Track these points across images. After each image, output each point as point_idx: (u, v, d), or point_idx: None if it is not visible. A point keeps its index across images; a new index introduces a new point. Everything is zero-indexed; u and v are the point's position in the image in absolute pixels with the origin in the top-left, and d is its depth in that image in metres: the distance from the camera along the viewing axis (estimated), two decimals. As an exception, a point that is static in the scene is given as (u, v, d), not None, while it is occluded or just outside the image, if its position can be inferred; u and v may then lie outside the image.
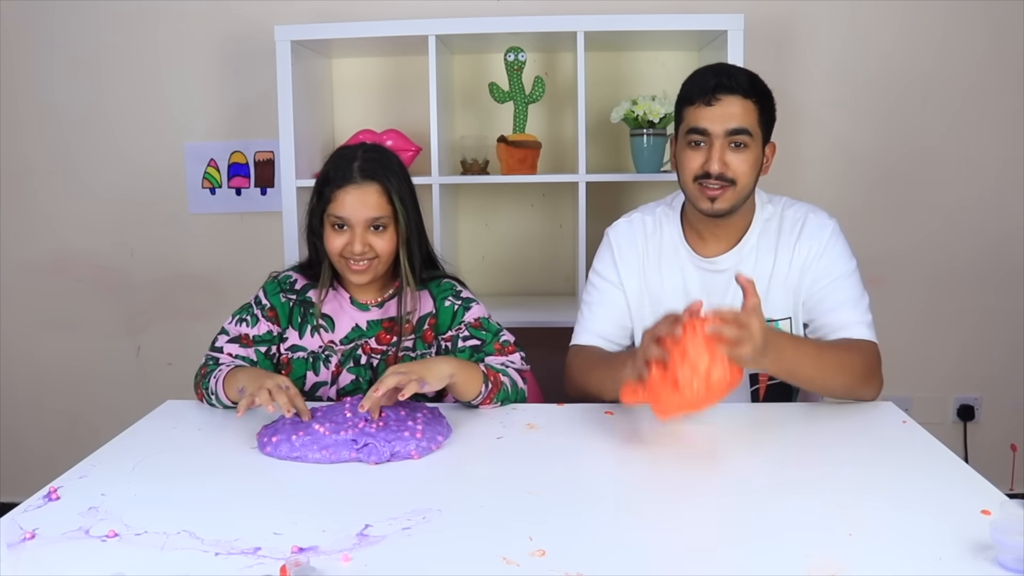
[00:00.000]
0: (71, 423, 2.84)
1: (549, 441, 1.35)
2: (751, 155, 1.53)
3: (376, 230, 1.54)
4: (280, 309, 1.63)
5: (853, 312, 1.56)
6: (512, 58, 2.37)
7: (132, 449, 1.32)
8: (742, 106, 1.51)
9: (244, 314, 1.63)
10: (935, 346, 2.70)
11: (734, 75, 1.53)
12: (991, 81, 2.58)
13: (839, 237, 1.61)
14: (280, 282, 1.66)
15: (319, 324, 1.62)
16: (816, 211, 1.63)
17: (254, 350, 1.61)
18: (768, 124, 1.56)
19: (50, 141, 2.73)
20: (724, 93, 1.50)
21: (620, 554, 0.96)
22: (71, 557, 0.98)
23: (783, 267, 1.60)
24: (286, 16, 2.58)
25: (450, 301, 1.63)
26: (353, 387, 1.61)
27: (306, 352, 1.62)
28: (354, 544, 0.99)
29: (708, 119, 1.51)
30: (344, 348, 1.62)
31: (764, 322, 1.27)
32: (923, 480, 1.16)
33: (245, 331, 1.61)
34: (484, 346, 1.59)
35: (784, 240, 1.61)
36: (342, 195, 1.53)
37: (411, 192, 1.59)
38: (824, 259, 1.58)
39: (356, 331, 1.62)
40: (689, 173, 1.54)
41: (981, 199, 2.64)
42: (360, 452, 1.26)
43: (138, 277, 2.78)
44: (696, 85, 1.54)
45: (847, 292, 1.57)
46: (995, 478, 1.19)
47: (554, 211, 2.69)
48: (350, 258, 1.54)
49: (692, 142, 1.53)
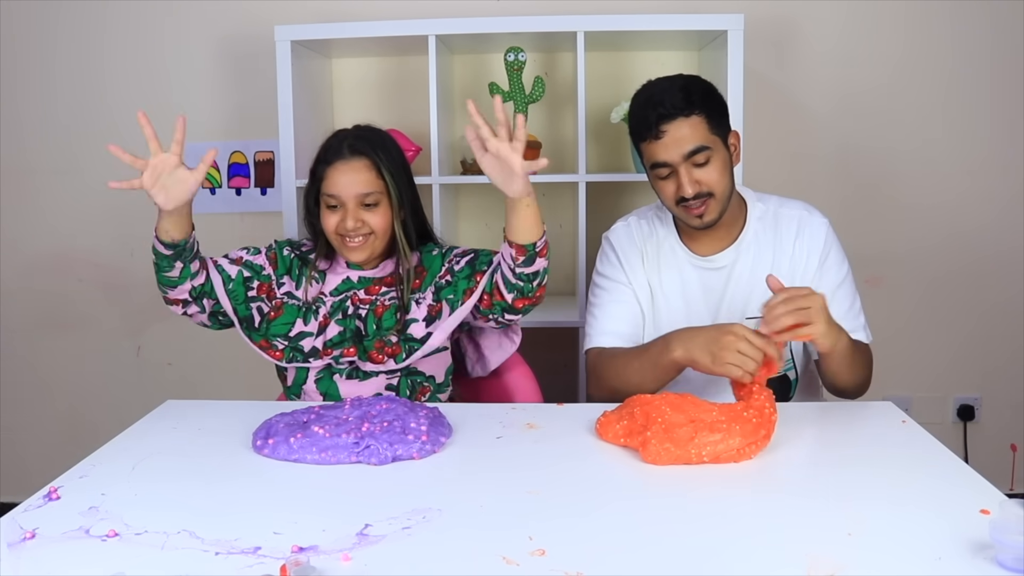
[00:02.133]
0: (71, 423, 2.84)
1: (549, 441, 1.35)
2: (717, 162, 1.54)
3: (368, 207, 1.57)
4: (280, 260, 1.67)
5: (852, 319, 1.60)
6: (512, 58, 2.37)
7: (132, 449, 1.32)
8: (689, 125, 1.51)
9: (249, 246, 1.68)
10: (935, 346, 2.70)
11: (668, 100, 1.51)
12: (991, 80, 2.58)
13: (834, 238, 1.65)
14: (290, 241, 1.73)
15: (312, 276, 1.65)
16: (810, 209, 1.67)
17: (238, 269, 1.63)
18: (721, 124, 1.56)
19: (51, 141, 2.73)
20: (666, 122, 1.51)
21: (620, 554, 0.96)
22: (71, 557, 0.98)
23: (783, 263, 1.62)
24: (286, 16, 2.58)
25: (436, 251, 1.68)
26: (339, 339, 1.61)
27: (299, 301, 1.64)
28: (354, 544, 0.99)
29: (663, 151, 1.53)
30: (333, 299, 1.63)
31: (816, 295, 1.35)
32: (923, 480, 1.16)
33: (241, 254, 1.66)
34: (479, 254, 1.63)
35: (783, 237, 1.63)
36: (332, 172, 1.58)
37: (404, 167, 1.64)
38: (826, 266, 1.62)
39: (346, 283, 1.65)
40: (668, 200, 1.58)
41: (981, 199, 2.64)
42: (361, 455, 1.25)
43: (138, 277, 2.78)
44: (638, 121, 1.55)
45: (845, 300, 1.62)
46: (995, 478, 1.19)
47: (554, 211, 2.69)
48: (345, 235, 1.57)
49: (659, 175, 1.56)
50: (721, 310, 1.64)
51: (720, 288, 1.64)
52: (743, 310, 1.63)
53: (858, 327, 1.60)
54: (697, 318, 1.64)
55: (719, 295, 1.64)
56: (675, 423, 1.24)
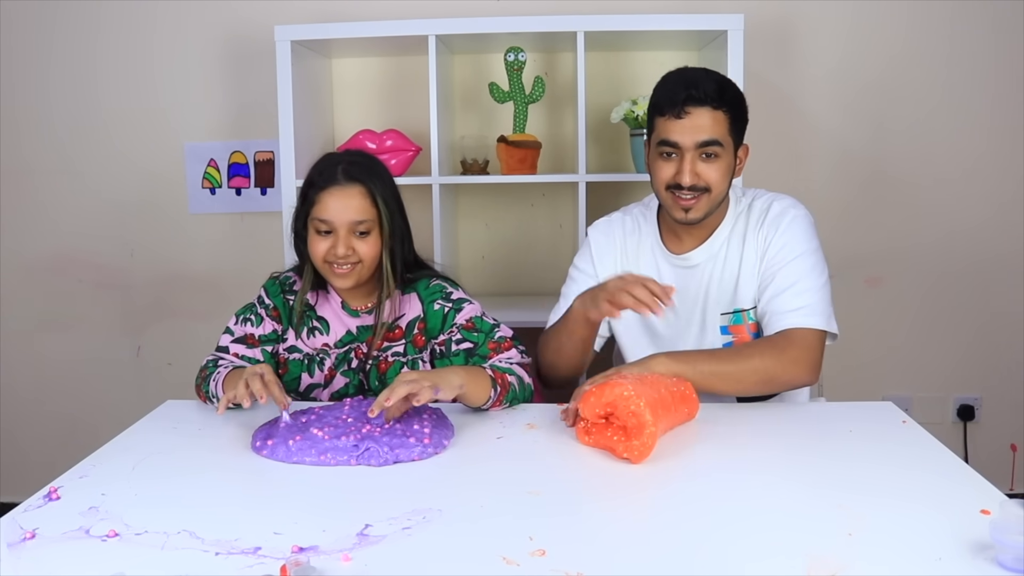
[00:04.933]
0: (71, 423, 2.84)
1: (549, 441, 1.35)
2: (722, 164, 1.53)
3: (360, 236, 1.52)
4: (283, 309, 1.63)
5: (792, 298, 1.53)
6: (512, 58, 2.37)
7: (132, 449, 1.32)
8: (712, 117, 1.51)
9: (248, 314, 1.63)
10: (935, 346, 2.70)
11: (703, 86, 1.51)
12: (992, 81, 2.58)
13: (799, 223, 1.58)
14: (281, 282, 1.66)
15: (314, 327, 1.62)
16: (781, 198, 1.63)
17: (260, 350, 1.61)
18: (740, 130, 1.57)
19: (50, 141, 2.73)
20: (693, 105, 1.50)
21: (620, 554, 0.96)
22: (71, 557, 0.98)
23: (751, 257, 1.60)
24: (286, 16, 2.58)
25: (439, 304, 1.60)
26: (346, 390, 1.61)
27: (302, 354, 1.62)
28: (354, 544, 0.99)
29: (678, 132, 1.51)
30: (338, 351, 1.62)
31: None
32: (923, 480, 1.16)
33: (250, 331, 1.61)
34: (478, 348, 1.58)
35: (751, 230, 1.61)
36: (326, 197, 1.52)
37: (396, 196, 1.58)
38: (776, 243, 1.57)
39: (348, 336, 1.62)
40: (661, 182, 1.56)
41: (981, 199, 2.64)
42: (360, 458, 1.24)
43: (138, 277, 2.78)
44: (666, 96, 1.53)
45: (793, 277, 1.54)
46: (995, 478, 1.19)
47: (554, 211, 2.69)
48: (333, 262, 1.53)
49: (663, 153, 1.54)
50: (697, 307, 1.63)
51: (695, 286, 1.63)
52: (718, 305, 1.61)
53: (798, 309, 1.51)
54: (674, 316, 1.62)
55: (694, 293, 1.63)
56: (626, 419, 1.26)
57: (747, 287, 1.60)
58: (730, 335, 1.62)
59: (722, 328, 1.62)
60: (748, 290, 1.60)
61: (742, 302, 1.61)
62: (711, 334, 1.63)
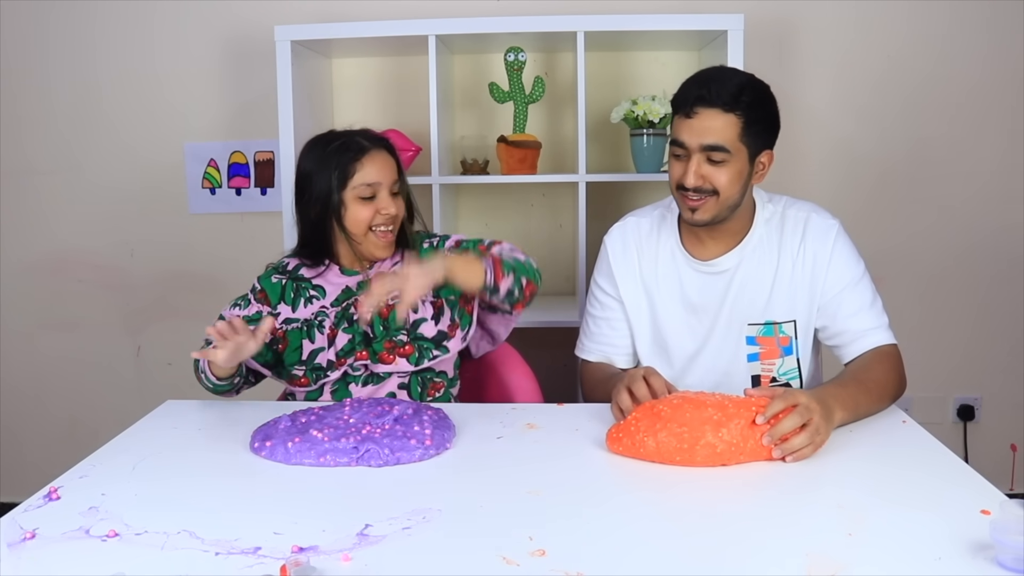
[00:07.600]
0: (71, 423, 2.84)
1: (549, 441, 1.35)
2: (730, 169, 1.49)
3: (395, 196, 1.61)
4: (271, 290, 1.66)
5: (869, 317, 1.54)
6: (512, 58, 2.37)
7: (132, 449, 1.32)
8: (722, 121, 1.47)
9: (239, 300, 1.69)
10: (935, 346, 2.70)
11: (718, 87, 1.47)
12: (992, 81, 2.58)
13: (844, 239, 1.58)
14: (275, 267, 1.71)
15: (311, 296, 1.65)
16: (819, 211, 1.61)
17: None
18: (758, 135, 1.51)
19: (50, 141, 2.73)
20: (703, 106, 1.47)
21: (620, 554, 0.96)
22: (71, 557, 0.98)
23: (787, 268, 1.58)
24: (286, 16, 2.58)
25: (428, 243, 1.71)
26: (349, 346, 1.61)
27: (300, 322, 1.63)
28: (354, 544, 0.99)
29: (686, 132, 1.49)
30: (336, 309, 1.63)
31: (806, 394, 1.26)
32: (923, 480, 1.16)
33: (237, 313, 1.65)
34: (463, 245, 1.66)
35: (788, 241, 1.58)
36: (367, 162, 1.58)
37: None
38: (833, 265, 1.56)
39: (346, 292, 1.64)
40: (672, 181, 1.55)
41: (981, 199, 2.64)
42: (360, 460, 1.24)
43: (138, 277, 2.78)
44: (681, 93, 1.52)
45: (861, 297, 1.55)
46: (995, 478, 1.19)
47: (554, 211, 2.69)
48: (379, 226, 1.59)
49: (675, 152, 1.53)
50: (721, 315, 1.60)
51: (721, 293, 1.60)
52: (746, 315, 1.59)
53: (879, 327, 1.54)
54: (696, 322, 1.62)
55: (720, 300, 1.60)
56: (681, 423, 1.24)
57: (782, 299, 1.58)
58: (757, 346, 1.59)
59: (748, 339, 1.60)
60: (783, 302, 1.58)
61: (776, 315, 1.58)
62: (734, 343, 1.60)
